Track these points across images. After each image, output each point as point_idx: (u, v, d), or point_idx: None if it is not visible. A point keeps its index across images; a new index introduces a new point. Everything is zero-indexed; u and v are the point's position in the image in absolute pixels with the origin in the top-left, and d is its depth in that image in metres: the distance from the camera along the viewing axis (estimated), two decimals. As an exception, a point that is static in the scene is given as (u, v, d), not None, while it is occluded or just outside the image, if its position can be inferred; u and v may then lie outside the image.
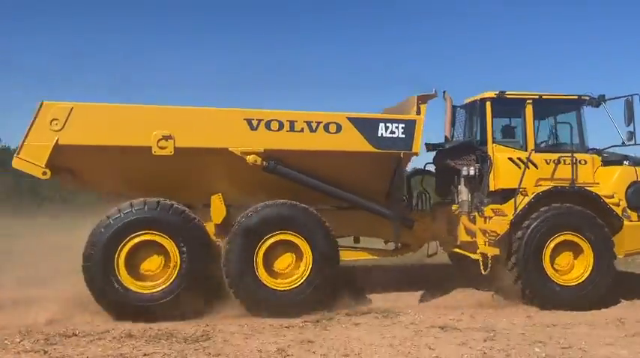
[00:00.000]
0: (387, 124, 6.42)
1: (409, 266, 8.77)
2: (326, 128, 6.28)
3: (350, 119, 6.35)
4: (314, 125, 6.25)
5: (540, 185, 6.89)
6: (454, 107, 7.87)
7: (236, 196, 6.20)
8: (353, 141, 6.34)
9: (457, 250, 7.50)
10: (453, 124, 7.87)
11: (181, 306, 5.79)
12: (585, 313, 6.35)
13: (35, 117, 5.73)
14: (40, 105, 5.75)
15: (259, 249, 6.04)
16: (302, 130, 6.23)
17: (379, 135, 6.38)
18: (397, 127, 6.44)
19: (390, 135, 6.42)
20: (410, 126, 6.48)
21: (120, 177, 6.10)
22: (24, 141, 5.73)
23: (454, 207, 7.30)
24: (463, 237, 7.19)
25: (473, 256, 6.99)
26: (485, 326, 5.65)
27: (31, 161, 5.71)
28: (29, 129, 5.73)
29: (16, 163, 5.74)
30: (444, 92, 7.70)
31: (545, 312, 6.34)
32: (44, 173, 5.73)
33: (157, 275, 5.89)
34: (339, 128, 6.31)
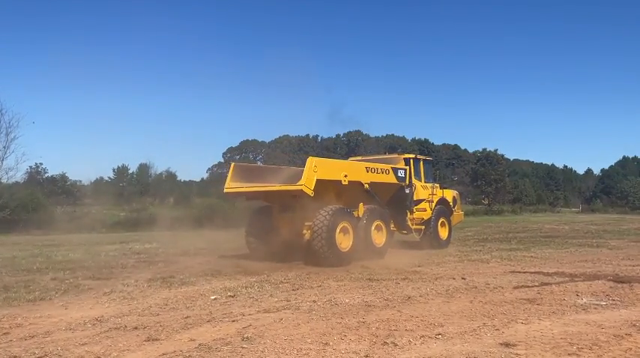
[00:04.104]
0: (400, 171, 14.50)
1: None
2: (385, 171, 13.90)
3: (392, 168, 14.15)
4: (383, 170, 13.78)
5: (431, 197, 16.21)
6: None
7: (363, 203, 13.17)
8: (392, 178, 14.14)
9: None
10: None
11: (355, 254, 12.32)
12: (64, 316, 6.73)
13: (307, 165, 11.33)
14: (309, 160, 11.40)
15: (372, 227, 13.13)
16: (380, 173, 13.67)
17: (398, 175, 14.40)
18: (402, 172, 14.59)
19: (401, 176, 14.52)
20: (405, 172, 14.74)
21: (330, 194, 12.07)
22: (306, 176, 11.21)
23: None
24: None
25: (402, 233, 15.69)
26: None
27: (308, 186, 11.27)
28: (307, 171, 11.26)
29: (303, 188, 11.14)
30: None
31: (26, 326, 6.25)
32: (311, 192, 11.34)
33: (346, 240, 12.26)
34: (388, 172, 14.02)
